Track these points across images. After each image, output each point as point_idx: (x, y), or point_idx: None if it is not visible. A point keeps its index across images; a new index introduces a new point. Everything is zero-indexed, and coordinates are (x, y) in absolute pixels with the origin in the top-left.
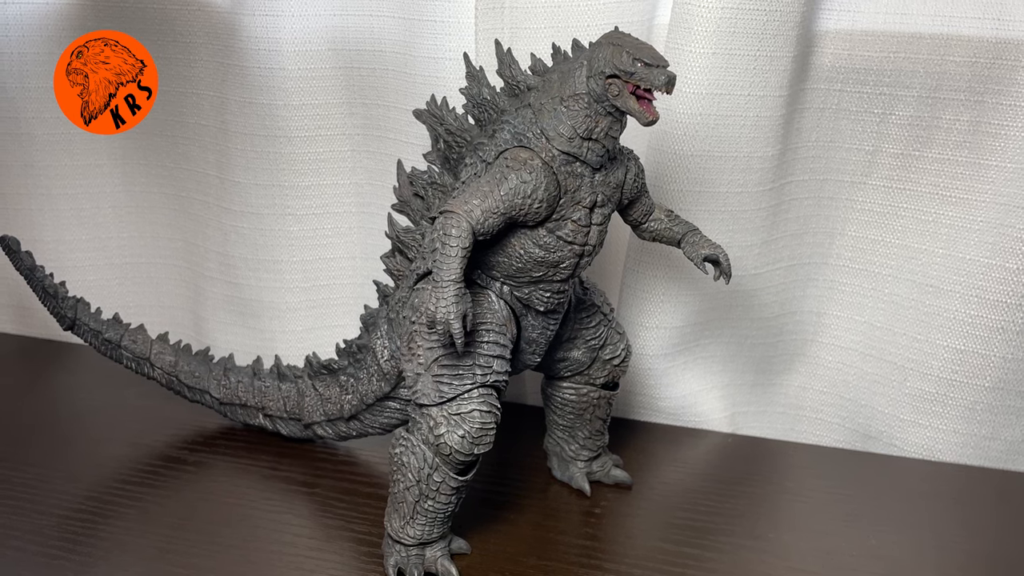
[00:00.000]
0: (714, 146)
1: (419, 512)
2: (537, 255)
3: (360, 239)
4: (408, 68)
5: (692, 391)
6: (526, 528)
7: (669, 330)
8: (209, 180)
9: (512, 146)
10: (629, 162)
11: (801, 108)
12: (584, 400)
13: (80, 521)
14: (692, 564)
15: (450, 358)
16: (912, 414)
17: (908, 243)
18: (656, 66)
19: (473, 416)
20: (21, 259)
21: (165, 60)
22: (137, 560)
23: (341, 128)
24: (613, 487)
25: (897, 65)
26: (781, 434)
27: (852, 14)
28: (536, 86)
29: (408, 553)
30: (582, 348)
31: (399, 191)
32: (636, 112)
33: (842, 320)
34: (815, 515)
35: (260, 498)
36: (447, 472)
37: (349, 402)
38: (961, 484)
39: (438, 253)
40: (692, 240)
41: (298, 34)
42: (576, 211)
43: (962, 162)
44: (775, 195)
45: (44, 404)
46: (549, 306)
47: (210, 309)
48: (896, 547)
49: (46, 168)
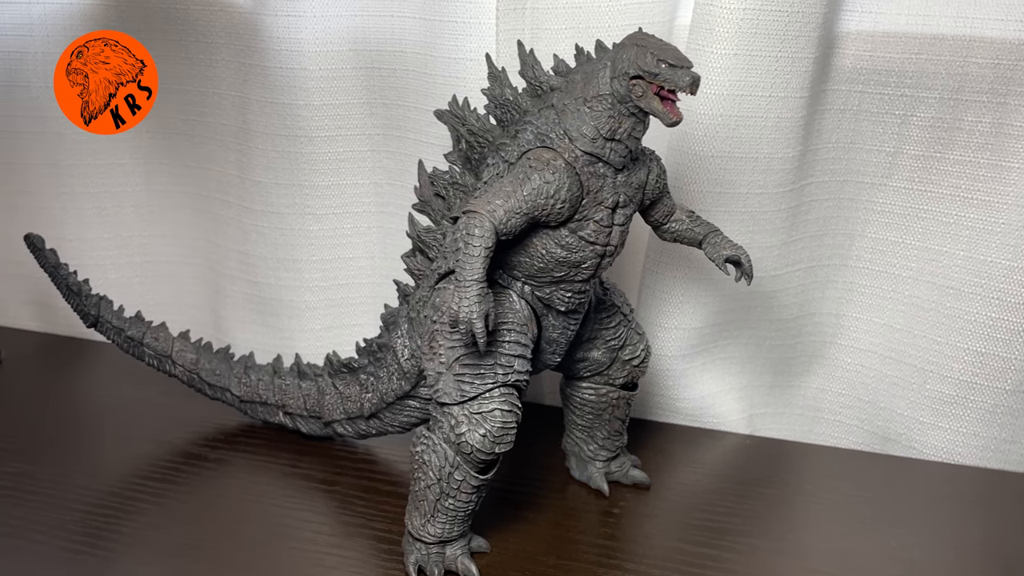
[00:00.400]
0: (735, 147)
1: (440, 510)
2: (559, 255)
3: (379, 238)
4: (428, 69)
5: (710, 392)
6: (545, 527)
7: (688, 331)
8: (230, 179)
9: (535, 146)
10: (651, 163)
11: (822, 109)
12: (603, 400)
13: (103, 517)
14: (711, 565)
15: (472, 357)
16: (932, 417)
17: (929, 245)
18: (680, 67)
19: (494, 415)
20: (45, 257)
21: (187, 60)
22: (159, 556)
23: (361, 128)
24: (631, 487)
25: (919, 67)
26: (799, 436)
27: (874, 15)
28: (559, 87)
29: (429, 551)
30: (602, 348)
31: (420, 191)
32: (660, 113)
33: (861, 322)
34: (833, 517)
35: (280, 495)
36: (468, 471)
37: (369, 400)
38: (981, 487)
39: (461, 253)
40: (714, 241)
41: (319, 34)
42: (598, 211)
43: (984, 164)
44: (795, 196)
45: (66, 401)
46: (570, 306)
47: (230, 307)
48: (915, 550)
49: (70, 167)
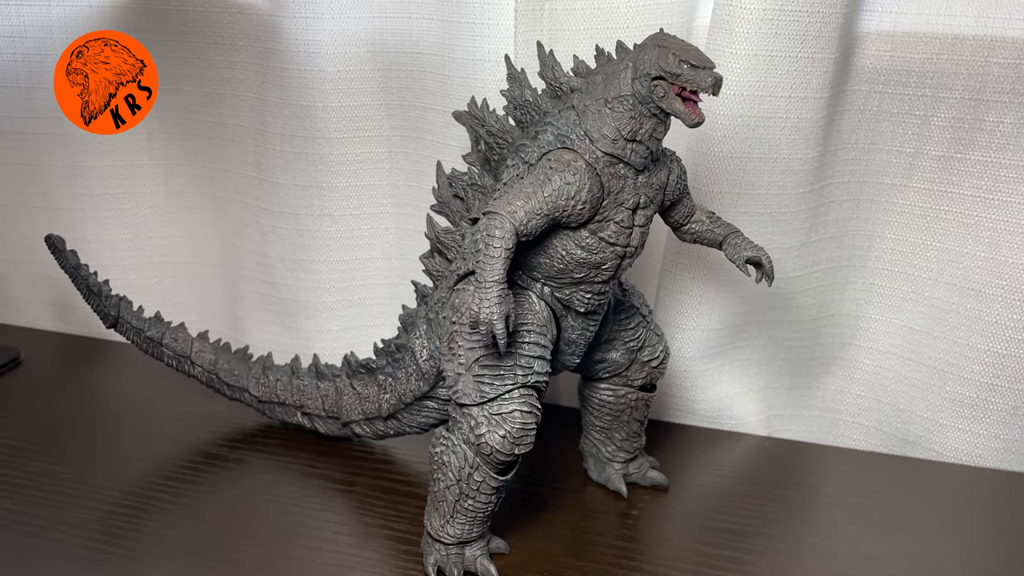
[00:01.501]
0: (754, 148)
1: (459, 511)
2: (579, 256)
3: (396, 240)
4: (446, 70)
5: (729, 394)
6: (563, 528)
7: (706, 332)
8: (248, 181)
9: (555, 147)
10: (672, 164)
11: (842, 110)
12: (622, 402)
13: (124, 516)
14: (731, 568)
15: (491, 358)
16: (952, 419)
17: (949, 246)
18: (703, 68)
19: (514, 416)
20: (66, 258)
21: (205, 62)
22: (179, 555)
23: (379, 130)
24: (649, 489)
25: (939, 67)
26: (818, 438)
27: (894, 15)
28: (579, 88)
29: (448, 552)
30: (620, 349)
31: (438, 192)
32: (682, 114)
33: (881, 323)
34: (854, 520)
35: (299, 495)
36: (487, 472)
37: (387, 401)
38: (1002, 490)
39: (481, 254)
40: (734, 242)
41: (337, 36)
42: (619, 212)
43: (1005, 165)
44: (815, 197)
45: (86, 400)
46: (589, 307)
47: (248, 308)
48: (937, 554)
49: (88, 169)
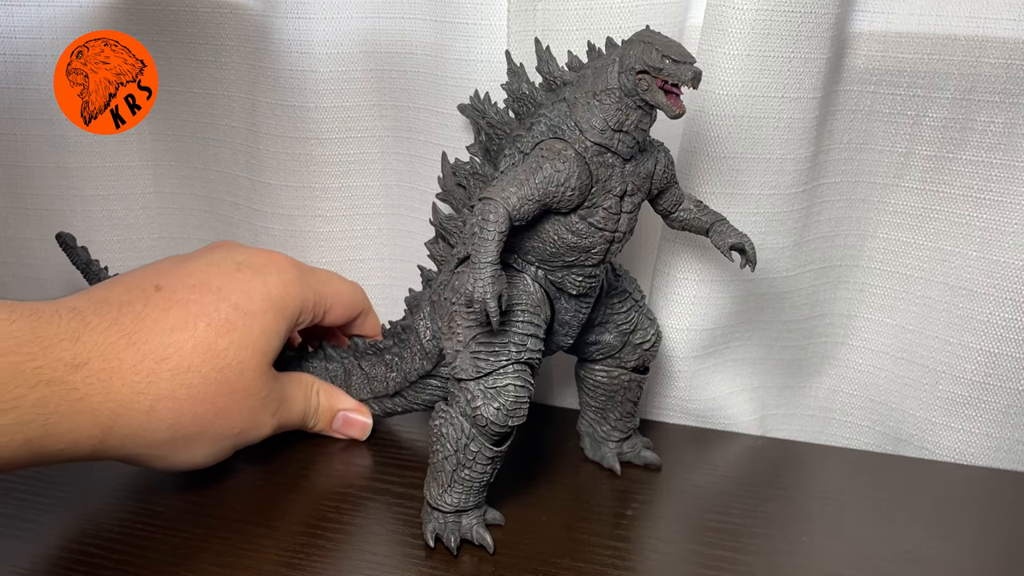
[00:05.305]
0: (747, 148)
1: (456, 481)
2: (570, 240)
3: (389, 240)
4: (439, 70)
5: (722, 393)
6: (560, 529)
7: (700, 332)
8: (240, 182)
9: (548, 138)
10: (659, 153)
11: (834, 110)
12: (615, 382)
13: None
14: (726, 567)
15: (487, 336)
16: (944, 417)
17: (941, 246)
18: (683, 63)
19: (508, 390)
20: (78, 254)
21: (196, 63)
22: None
23: (371, 130)
24: (644, 489)
25: (931, 67)
26: (811, 437)
27: (886, 16)
28: (571, 81)
29: (446, 520)
30: (613, 332)
31: (443, 181)
32: (664, 106)
33: (873, 323)
34: (847, 519)
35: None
36: (483, 443)
37: (393, 379)
38: (994, 488)
39: (476, 237)
40: (719, 229)
41: (330, 37)
42: (607, 199)
43: (996, 164)
44: (807, 197)
45: None
46: (581, 290)
47: None
48: (930, 551)
49: (78, 170)
